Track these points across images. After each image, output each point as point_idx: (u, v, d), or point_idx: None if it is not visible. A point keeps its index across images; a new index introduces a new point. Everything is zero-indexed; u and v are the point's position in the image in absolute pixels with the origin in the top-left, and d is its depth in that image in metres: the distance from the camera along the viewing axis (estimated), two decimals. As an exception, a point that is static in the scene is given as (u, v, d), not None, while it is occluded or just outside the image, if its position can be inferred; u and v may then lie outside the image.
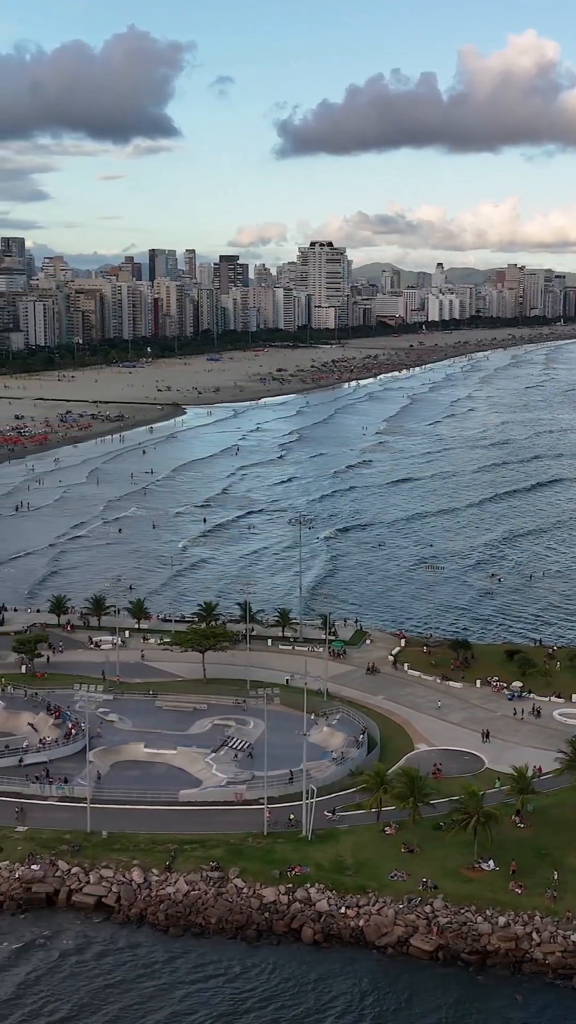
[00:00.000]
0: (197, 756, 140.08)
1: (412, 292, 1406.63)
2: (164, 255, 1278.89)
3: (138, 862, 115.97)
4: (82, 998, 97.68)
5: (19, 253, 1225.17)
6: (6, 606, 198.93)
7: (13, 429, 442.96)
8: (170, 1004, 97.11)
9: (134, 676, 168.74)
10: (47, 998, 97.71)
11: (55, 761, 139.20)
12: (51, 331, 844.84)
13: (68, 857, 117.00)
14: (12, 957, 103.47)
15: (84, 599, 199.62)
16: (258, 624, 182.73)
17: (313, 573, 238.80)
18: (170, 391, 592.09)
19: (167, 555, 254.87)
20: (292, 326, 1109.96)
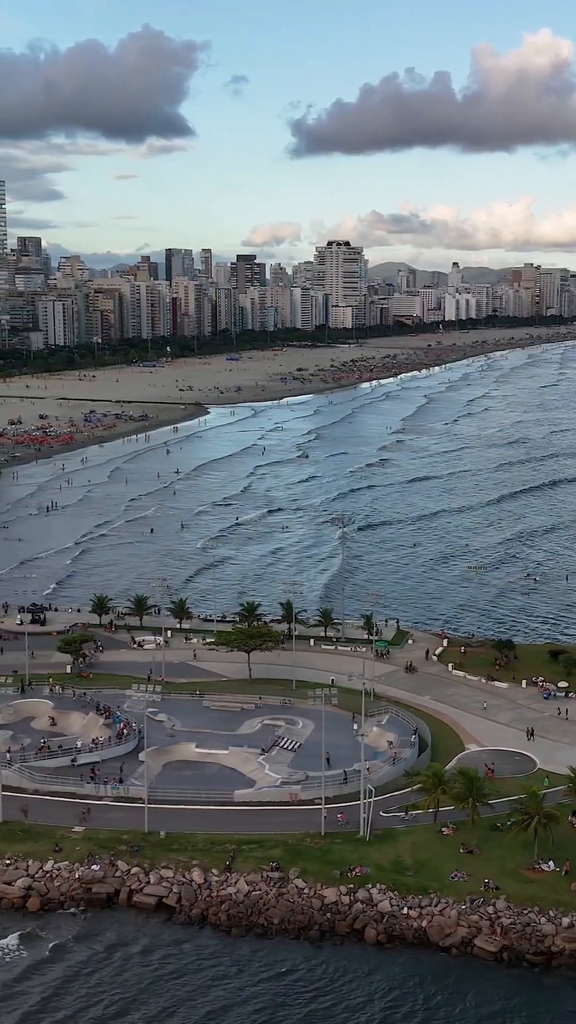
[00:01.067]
0: (249, 756, 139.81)
1: (428, 292, 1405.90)
2: (180, 255, 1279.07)
3: (197, 862, 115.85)
4: (149, 997, 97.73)
5: (36, 252, 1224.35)
6: (49, 606, 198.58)
7: (39, 429, 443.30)
8: (238, 1003, 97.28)
9: (179, 676, 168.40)
10: (115, 996, 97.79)
11: (107, 761, 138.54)
12: (70, 331, 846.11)
13: (127, 857, 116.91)
14: (76, 956, 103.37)
15: (127, 599, 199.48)
16: (300, 624, 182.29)
17: (332, 571, 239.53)
18: (192, 391, 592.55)
19: (196, 554, 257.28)
20: (309, 326, 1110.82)
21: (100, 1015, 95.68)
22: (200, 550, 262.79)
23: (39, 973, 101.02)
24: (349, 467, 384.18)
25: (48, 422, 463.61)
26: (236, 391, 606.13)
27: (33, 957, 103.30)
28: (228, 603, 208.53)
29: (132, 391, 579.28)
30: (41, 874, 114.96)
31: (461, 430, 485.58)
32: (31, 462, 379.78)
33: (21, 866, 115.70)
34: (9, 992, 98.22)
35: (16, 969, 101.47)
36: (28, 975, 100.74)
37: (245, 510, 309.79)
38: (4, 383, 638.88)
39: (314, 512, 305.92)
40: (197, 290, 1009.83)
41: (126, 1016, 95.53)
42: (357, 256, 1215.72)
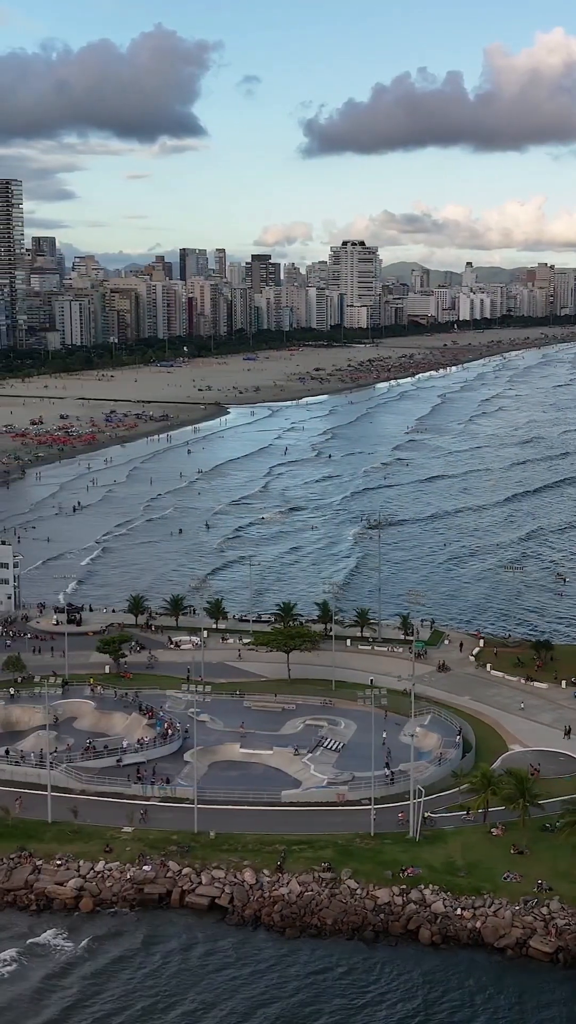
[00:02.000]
0: (294, 756, 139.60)
1: (443, 291, 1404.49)
2: (195, 254, 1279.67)
3: (248, 863, 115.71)
4: (207, 997, 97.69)
5: (50, 252, 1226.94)
6: (87, 606, 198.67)
7: (60, 429, 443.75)
8: (296, 1002, 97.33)
9: (217, 676, 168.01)
10: (172, 996, 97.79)
11: (152, 761, 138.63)
12: (87, 331, 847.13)
13: (178, 858, 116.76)
14: (132, 957, 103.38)
15: (162, 599, 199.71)
16: (337, 624, 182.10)
17: (351, 570, 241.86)
18: (211, 391, 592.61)
19: (220, 552, 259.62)
20: (324, 325, 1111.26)
21: (159, 1014, 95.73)
22: (222, 549, 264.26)
23: (96, 973, 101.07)
24: (364, 466, 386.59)
25: (69, 422, 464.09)
26: (255, 391, 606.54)
27: (88, 957, 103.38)
28: (249, 602, 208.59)
29: (151, 391, 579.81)
30: (93, 875, 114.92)
31: (476, 429, 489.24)
32: (55, 462, 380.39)
33: (72, 866, 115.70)
34: (68, 993, 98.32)
35: (73, 969, 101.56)
36: (84, 976, 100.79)
37: (267, 509, 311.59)
38: (23, 383, 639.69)
39: (333, 511, 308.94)
40: (213, 290, 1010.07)
41: (185, 1015, 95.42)
42: (372, 256, 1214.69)
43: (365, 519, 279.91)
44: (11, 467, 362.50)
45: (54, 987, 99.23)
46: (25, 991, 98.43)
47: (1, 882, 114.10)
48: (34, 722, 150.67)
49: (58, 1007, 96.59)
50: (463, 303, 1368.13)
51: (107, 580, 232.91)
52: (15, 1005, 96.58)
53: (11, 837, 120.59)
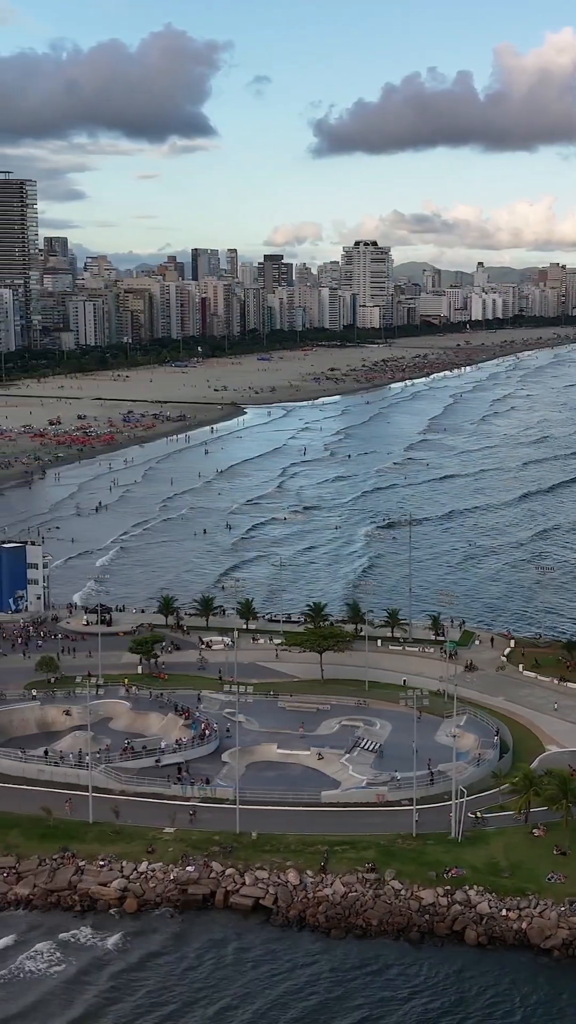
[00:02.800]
0: (332, 757, 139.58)
1: (455, 291, 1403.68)
2: (207, 255, 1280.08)
3: (291, 863, 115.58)
4: (256, 997, 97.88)
5: (62, 252, 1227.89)
6: (120, 607, 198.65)
7: (79, 429, 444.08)
8: (345, 1002, 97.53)
9: (249, 677, 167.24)
10: (222, 996, 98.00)
11: (188, 762, 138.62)
12: (100, 331, 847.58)
13: (221, 858, 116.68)
14: (179, 958, 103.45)
15: (192, 599, 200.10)
16: (367, 624, 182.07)
17: (362, 569, 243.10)
18: (226, 391, 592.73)
19: (239, 551, 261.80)
20: (337, 325, 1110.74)
21: (207, 1013, 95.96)
22: (244, 549, 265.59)
23: (141, 973, 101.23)
24: (378, 466, 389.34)
25: (87, 422, 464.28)
26: (270, 391, 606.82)
27: (134, 958, 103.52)
28: (277, 602, 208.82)
29: (167, 391, 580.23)
30: (136, 875, 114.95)
31: (488, 429, 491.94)
32: (74, 462, 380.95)
33: (116, 867, 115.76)
34: (114, 992, 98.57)
35: (118, 969, 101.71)
36: (130, 975, 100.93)
37: (284, 509, 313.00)
38: (38, 383, 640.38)
39: (349, 510, 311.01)
40: (226, 290, 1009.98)
41: (233, 1014, 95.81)
42: (384, 256, 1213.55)
43: (384, 519, 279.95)
44: (31, 467, 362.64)
45: (100, 986, 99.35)
46: (70, 990, 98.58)
47: (45, 883, 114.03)
48: (70, 722, 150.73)
49: (104, 1006, 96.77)
50: (475, 303, 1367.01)
51: (131, 579, 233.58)
52: (60, 1004, 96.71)
53: (53, 838, 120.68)
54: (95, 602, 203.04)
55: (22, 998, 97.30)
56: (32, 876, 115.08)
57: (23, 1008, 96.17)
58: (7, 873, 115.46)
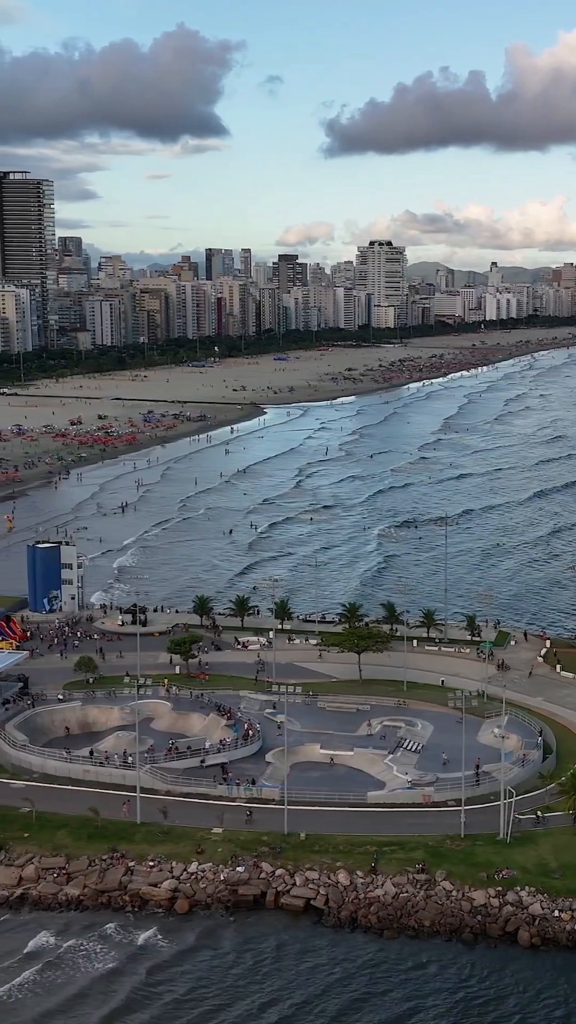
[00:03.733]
0: (375, 757, 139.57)
1: (469, 291, 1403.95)
2: (221, 254, 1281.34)
3: (341, 864, 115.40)
4: (313, 997, 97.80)
5: (76, 252, 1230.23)
6: (150, 607, 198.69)
7: (101, 429, 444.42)
8: (404, 1002, 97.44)
9: (287, 677, 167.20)
10: (277, 997, 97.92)
11: (232, 762, 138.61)
12: (117, 331, 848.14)
13: (270, 859, 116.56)
14: (235, 959, 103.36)
15: (228, 600, 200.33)
16: (402, 625, 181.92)
17: (384, 568, 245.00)
18: (245, 391, 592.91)
19: (262, 550, 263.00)
20: (352, 325, 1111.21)
21: (266, 1014, 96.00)
22: (268, 548, 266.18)
23: (197, 974, 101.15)
24: (393, 464, 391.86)
25: (108, 422, 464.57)
26: (289, 391, 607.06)
27: (188, 958, 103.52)
28: (313, 602, 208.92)
29: (185, 391, 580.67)
30: (186, 876, 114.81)
31: (502, 428, 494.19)
32: (97, 463, 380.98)
33: (165, 868, 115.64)
34: (169, 993, 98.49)
35: (173, 970, 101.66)
36: (185, 976, 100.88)
37: (308, 508, 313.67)
38: (56, 383, 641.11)
39: (368, 509, 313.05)
40: (242, 290, 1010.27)
41: (289, 1013, 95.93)
42: (399, 256, 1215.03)
43: (405, 518, 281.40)
44: (55, 467, 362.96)
45: (155, 987, 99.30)
46: (125, 991, 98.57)
47: (95, 883, 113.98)
48: (111, 722, 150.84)
49: (160, 1006, 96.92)
50: (489, 303, 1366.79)
51: (157, 578, 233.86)
52: (117, 1005, 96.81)
53: (101, 838, 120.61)
54: (126, 602, 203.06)
55: (76, 997, 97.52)
56: (82, 876, 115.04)
57: (75, 1004, 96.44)
58: (57, 873, 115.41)
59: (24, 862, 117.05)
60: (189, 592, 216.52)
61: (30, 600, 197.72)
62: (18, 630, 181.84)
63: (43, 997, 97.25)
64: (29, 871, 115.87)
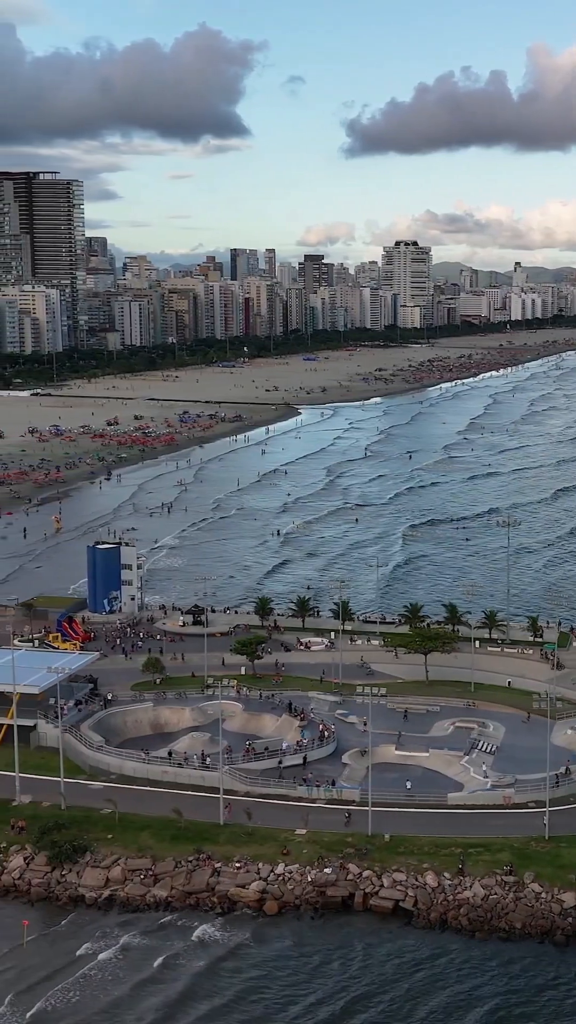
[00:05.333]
0: (451, 759, 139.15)
1: (494, 291, 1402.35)
2: (246, 255, 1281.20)
3: (427, 865, 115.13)
4: (409, 997, 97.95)
5: (102, 252, 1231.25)
6: (210, 608, 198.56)
7: (138, 430, 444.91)
8: (498, 1003, 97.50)
9: (352, 678, 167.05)
10: (377, 998, 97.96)
11: (309, 763, 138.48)
12: (146, 331, 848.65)
13: (357, 860, 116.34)
14: (331, 959, 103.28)
15: (289, 601, 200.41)
16: (463, 625, 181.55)
17: (393, 565, 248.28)
18: (277, 391, 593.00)
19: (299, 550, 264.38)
20: (378, 325, 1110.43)
21: (367, 1013, 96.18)
22: (314, 549, 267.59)
23: (297, 975, 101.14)
24: (424, 462, 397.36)
25: (144, 423, 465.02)
26: (321, 391, 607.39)
27: (287, 960, 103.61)
28: (376, 603, 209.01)
29: (217, 391, 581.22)
30: (273, 877, 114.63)
31: (527, 428, 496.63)
32: (137, 463, 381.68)
33: (252, 869, 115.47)
34: (265, 995, 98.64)
35: (270, 971, 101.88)
36: (284, 977, 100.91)
37: (354, 507, 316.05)
38: (89, 383, 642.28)
39: (403, 508, 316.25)
40: (269, 290, 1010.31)
41: (392, 1016, 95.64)
42: (425, 256, 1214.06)
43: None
44: (96, 468, 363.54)
45: (251, 988, 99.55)
46: (216, 993, 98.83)
47: (183, 884, 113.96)
48: (183, 723, 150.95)
49: (256, 1006, 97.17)
50: (515, 303, 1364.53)
51: (223, 579, 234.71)
52: (216, 1005, 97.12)
53: (186, 839, 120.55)
54: (184, 603, 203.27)
55: (175, 998, 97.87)
56: (169, 878, 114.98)
57: (172, 1004, 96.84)
58: (144, 875, 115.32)
59: (110, 863, 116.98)
60: (253, 591, 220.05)
61: (89, 601, 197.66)
62: (80, 631, 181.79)
63: (144, 999, 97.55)
64: (116, 872, 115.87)
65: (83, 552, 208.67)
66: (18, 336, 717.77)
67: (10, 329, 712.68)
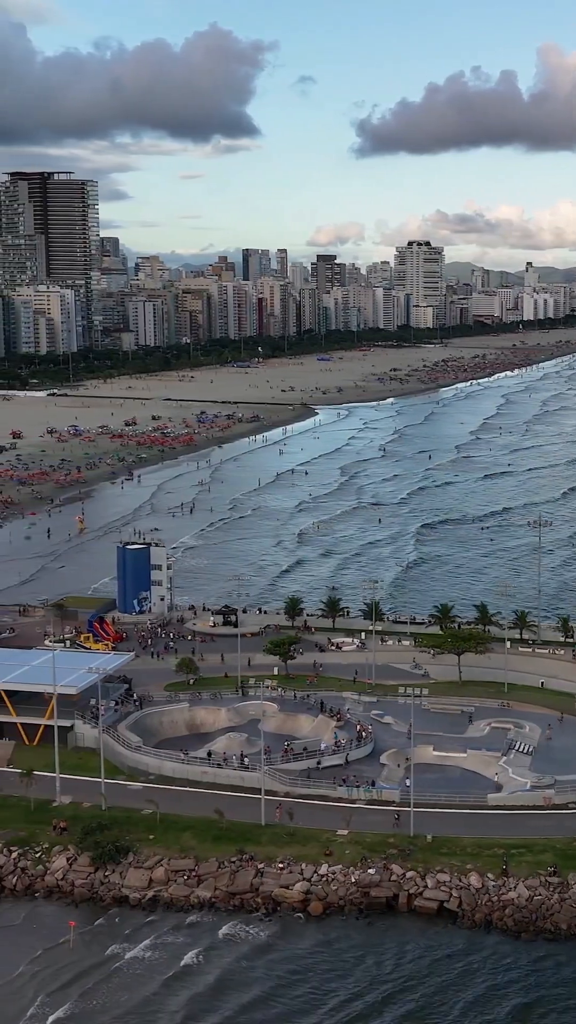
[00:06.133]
0: (489, 759, 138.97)
1: (507, 291, 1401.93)
2: (258, 255, 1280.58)
3: (471, 866, 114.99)
4: (456, 998, 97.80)
5: (114, 252, 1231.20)
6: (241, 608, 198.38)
7: (156, 430, 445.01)
8: (546, 1005, 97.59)
9: (384, 678, 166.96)
10: (425, 1000, 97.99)
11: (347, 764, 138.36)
12: (160, 331, 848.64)
13: (400, 861, 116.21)
14: (380, 959, 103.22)
15: (318, 601, 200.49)
16: (495, 626, 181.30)
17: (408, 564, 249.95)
18: (293, 391, 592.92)
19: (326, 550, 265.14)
20: (391, 326, 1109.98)
21: (421, 1013, 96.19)
22: (335, 548, 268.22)
23: (350, 976, 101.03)
24: (438, 461, 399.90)
25: (162, 423, 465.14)
26: (337, 391, 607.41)
27: (335, 960, 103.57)
28: (410, 603, 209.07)
29: (232, 392, 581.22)
30: (317, 877, 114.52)
31: (539, 428, 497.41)
32: (157, 463, 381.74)
33: (296, 869, 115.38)
34: (312, 996, 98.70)
35: (323, 973, 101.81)
36: (329, 979, 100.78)
37: (378, 507, 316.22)
38: (105, 383, 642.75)
39: (420, 507, 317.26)
40: (282, 290, 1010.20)
41: (444, 1016, 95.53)
42: (438, 256, 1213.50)
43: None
44: (116, 468, 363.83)
45: (297, 988, 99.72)
46: (265, 993, 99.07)
47: (226, 885, 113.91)
48: (219, 724, 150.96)
49: (299, 1006, 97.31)
50: (527, 303, 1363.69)
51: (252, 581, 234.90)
52: (264, 1006, 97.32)
53: (227, 840, 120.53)
54: (214, 604, 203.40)
55: (225, 998, 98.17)
56: (212, 879, 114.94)
57: (220, 1002, 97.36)
58: (187, 876, 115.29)
59: (153, 864, 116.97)
60: (269, 591, 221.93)
61: (119, 601, 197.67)
62: (112, 631, 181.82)
63: (191, 998, 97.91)
64: (159, 873, 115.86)
65: (105, 552, 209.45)
66: (33, 336, 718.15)
67: (25, 329, 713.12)
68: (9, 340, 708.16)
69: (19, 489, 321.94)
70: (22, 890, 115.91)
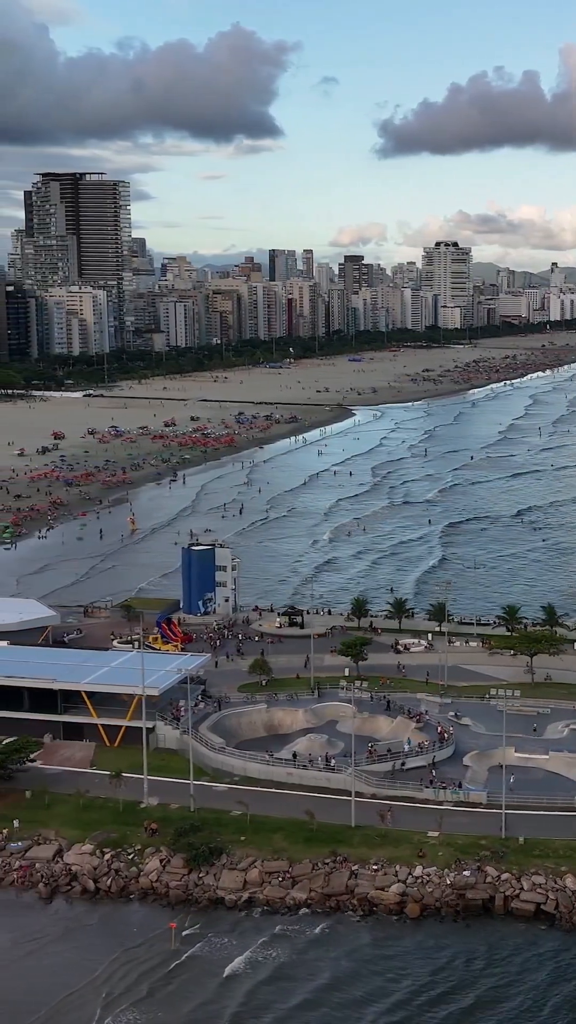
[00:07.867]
0: (572, 760, 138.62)
1: (533, 292, 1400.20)
2: (284, 255, 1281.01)
3: (566, 868, 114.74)
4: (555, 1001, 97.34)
5: (142, 253, 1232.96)
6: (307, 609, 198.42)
7: (196, 431, 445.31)
8: None
9: (456, 680, 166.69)
10: (524, 1002, 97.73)
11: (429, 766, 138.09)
12: (191, 332, 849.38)
13: (494, 863, 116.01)
14: (485, 962, 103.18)
15: (386, 602, 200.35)
16: (562, 627, 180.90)
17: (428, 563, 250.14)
18: (328, 392, 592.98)
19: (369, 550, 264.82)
20: (419, 326, 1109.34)
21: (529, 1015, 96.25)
22: (382, 549, 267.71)
23: (452, 979, 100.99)
24: (464, 460, 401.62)
25: (202, 424, 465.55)
26: (372, 392, 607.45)
27: (435, 963, 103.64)
28: (474, 604, 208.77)
29: (266, 392, 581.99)
30: (412, 880, 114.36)
31: (567, 427, 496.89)
32: (200, 464, 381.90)
33: (390, 871, 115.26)
34: (412, 998, 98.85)
35: (426, 976, 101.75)
36: (429, 980, 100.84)
37: (427, 509, 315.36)
38: (140, 384, 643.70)
39: (453, 506, 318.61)
40: (312, 291, 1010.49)
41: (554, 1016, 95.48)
42: (465, 256, 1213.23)
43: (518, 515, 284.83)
44: (161, 469, 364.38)
45: (395, 990, 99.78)
46: (365, 995, 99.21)
47: (321, 886, 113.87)
48: (296, 725, 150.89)
49: (400, 1008, 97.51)
50: (554, 303, 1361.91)
51: (278, 578, 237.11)
52: (362, 1005, 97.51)
53: (318, 841, 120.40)
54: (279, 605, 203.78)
55: (334, 997, 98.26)
56: (307, 880, 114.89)
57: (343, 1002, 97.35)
58: (282, 877, 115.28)
59: (247, 866, 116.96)
60: (342, 592, 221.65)
61: (183, 602, 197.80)
62: (179, 632, 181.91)
63: (307, 999, 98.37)
64: (253, 875, 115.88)
65: (153, 552, 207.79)
66: (66, 337, 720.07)
67: (58, 330, 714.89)
68: (42, 341, 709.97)
69: (67, 490, 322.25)
70: (116, 892, 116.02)
